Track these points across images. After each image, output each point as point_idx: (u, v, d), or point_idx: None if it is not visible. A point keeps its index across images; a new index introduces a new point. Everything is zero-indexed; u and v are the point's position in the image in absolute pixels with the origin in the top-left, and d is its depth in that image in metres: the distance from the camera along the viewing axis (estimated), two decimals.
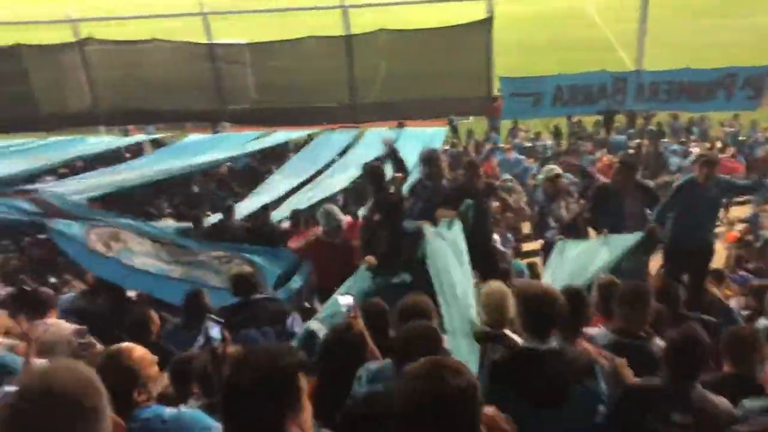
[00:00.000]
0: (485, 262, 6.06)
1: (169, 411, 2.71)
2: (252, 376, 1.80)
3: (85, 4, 23.18)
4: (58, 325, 4.60)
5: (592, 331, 3.80)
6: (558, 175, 7.53)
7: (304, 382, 1.89)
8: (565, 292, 3.25)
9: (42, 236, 7.33)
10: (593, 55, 21.33)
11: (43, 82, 16.13)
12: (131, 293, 6.37)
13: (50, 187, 8.41)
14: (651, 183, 8.55)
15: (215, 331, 3.47)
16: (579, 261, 5.76)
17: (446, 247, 5.44)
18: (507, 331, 3.63)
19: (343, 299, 3.79)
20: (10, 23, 20.03)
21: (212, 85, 15.83)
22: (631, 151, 13.32)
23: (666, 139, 15.49)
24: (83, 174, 11.20)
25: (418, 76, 15.25)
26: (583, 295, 3.71)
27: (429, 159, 6.65)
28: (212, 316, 3.68)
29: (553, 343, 2.92)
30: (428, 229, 5.70)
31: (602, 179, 8.17)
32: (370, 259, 5.69)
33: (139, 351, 2.77)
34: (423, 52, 14.97)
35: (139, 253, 6.20)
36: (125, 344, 2.84)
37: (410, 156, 12.02)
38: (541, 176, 8.47)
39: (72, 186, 8.86)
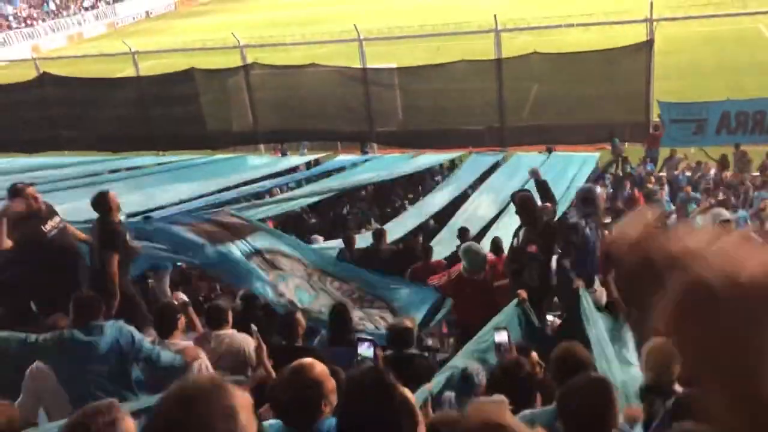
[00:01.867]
0: None
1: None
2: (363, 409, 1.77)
3: (253, 32, 24.88)
4: (233, 337, 4.86)
5: None
6: (727, 221, 6.61)
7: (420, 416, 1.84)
8: None
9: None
10: (766, 79, 19.56)
11: (211, 103, 17.43)
12: None
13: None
14: None
15: (369, 351, 3.50)
16: None
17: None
18: (678, 388, 3.31)
19: (499, 335, 3.64)
20: (186, 50, 21.97)
21: (363, 107, 16.31)
22: None
23: None
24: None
25: (570, 100, 14.78)
26: None
27: (586, 198, 6.20)
28: (362, 335, 3.70)
29: None
30: (585, 294, 5.30)
31: None
32: (522, 293, 5.43)
33: (318, 365, 2.86)
34: (577, 76, 14.49)
35: (293, 276, 6.45)
36: (305, 360, 2.91)
37: (558, 181, 11.72)
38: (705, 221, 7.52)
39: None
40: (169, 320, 4.66)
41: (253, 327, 4.33)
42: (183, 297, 7.97)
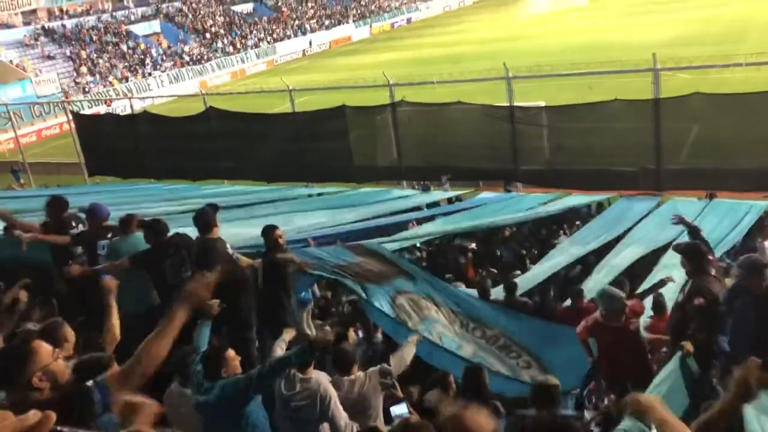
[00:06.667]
0: None
1: None
2: None
3: (401, 70, 25.63)
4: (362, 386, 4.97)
5: None
6: None
7: None
8: None
9: None
10: None
11: (358, 138, 17.98)
12: None
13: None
14: None
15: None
16: None
17: None
18: None
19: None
20: (337, 87, 22.98)
21: (508, 145, 16.09)
22: None
23: None
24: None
25: (735, 143, 13.71)
26: None
27: (751, 267, 5.38)
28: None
29: None
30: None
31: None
32: (688, 346, 5.02)
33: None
34: (744, 118, 13.43)
35: (437, 323, 6.42)
36: (469, 411, 2.81)
37: (718, 230, 10.86)
38: None
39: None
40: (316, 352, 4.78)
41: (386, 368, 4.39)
42: (327, 328, 8.21)
